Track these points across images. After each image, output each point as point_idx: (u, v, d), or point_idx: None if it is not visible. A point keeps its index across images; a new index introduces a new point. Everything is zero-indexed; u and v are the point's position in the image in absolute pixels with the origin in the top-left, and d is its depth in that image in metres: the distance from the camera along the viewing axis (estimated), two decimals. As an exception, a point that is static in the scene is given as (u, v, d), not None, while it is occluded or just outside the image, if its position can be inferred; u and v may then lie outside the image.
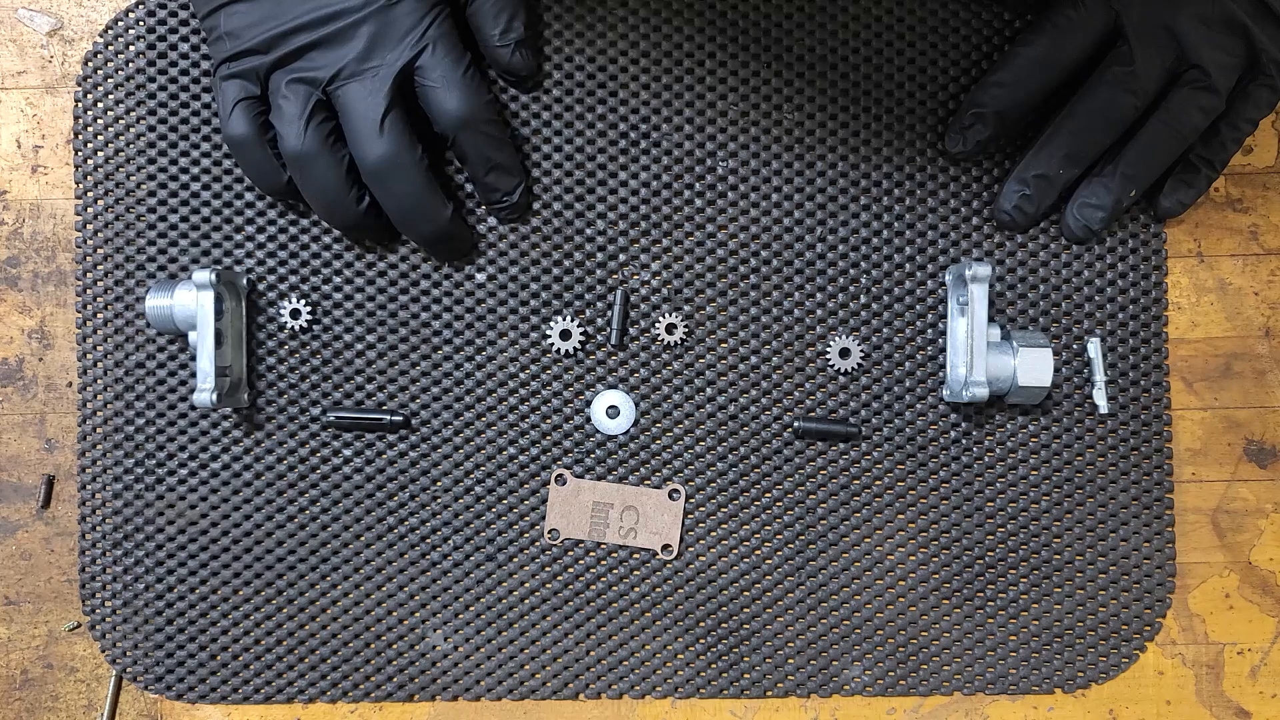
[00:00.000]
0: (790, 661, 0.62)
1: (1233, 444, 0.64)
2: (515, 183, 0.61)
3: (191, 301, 0.58)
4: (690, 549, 0.63)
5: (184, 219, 0.62)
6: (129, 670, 0.62)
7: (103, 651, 0.62)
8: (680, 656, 0.62)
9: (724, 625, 0.62)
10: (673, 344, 0.62)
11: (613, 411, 0.62)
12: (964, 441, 0.63)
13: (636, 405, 0.62)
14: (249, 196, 0.62)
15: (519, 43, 0.59)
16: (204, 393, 0.58)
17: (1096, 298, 0.63)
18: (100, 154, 0.62)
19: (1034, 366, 0.59)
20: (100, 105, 0.62)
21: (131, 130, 0.62)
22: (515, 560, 0.63)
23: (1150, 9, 0.57)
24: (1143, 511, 0.63)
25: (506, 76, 0.61)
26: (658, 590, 0.62)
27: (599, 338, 0.63)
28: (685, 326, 0.62)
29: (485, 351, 0.63)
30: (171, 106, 0.62)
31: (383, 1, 0.56)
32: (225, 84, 0.57)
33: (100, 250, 0.62)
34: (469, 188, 0.62)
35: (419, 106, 0.58)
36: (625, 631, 0.62)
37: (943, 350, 0.63)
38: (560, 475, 0.63)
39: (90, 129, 0.62)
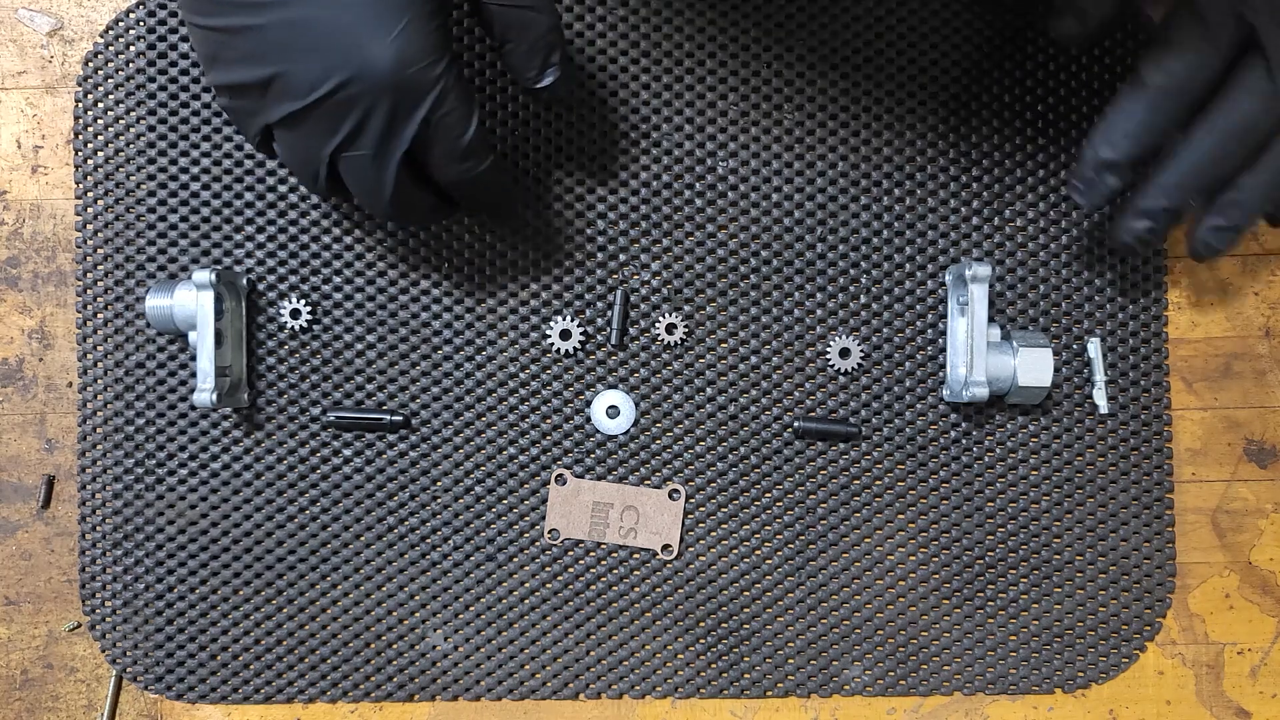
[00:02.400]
0: (790, 661, 0.62)
1: (1233, 444, 0.64)
2: (506, 210, 0.62)
3: (191, 301, 0.58)
4: (690, 549, 0.63)
5: (184, 219, 0.62)
6: (129, 670, 0.62)
7: (103, 651, 0.62)
8: (680, 656, 0.62)
9: (724, 625, 0.62)
10: (673, 344, 0.62)
11: (613, 411, 0.62)
12: (964, 441, 0.63)
13: (636, 405, 0.62)
14: (249, 196, 0.62)
15: (556, 82, 0.54)
16: (204, 393, 0.58)
17: (1096, 298, 0.63)
18: (100, 154, 0.62)
19: (1034, 366, 0.59)
20: (100, 105, 0.62)
21: (131, 130, 0.62)
22: (515, 560, 0.63)
23: None
24: (1143, 511, 0.63)
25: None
26: (658, 590, 0.62)
27: (599, 338, 0.63)
28: (685, 326, 0.62)
29: (485, 351, 0.63)
30: (171, 106, 0.62)
31: (379, 83, 0.49)
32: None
33: (100, 250, 0.62)
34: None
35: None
36: (625, 631, 0.62)
37: (943, 350, 0.63)
38: (560, 475, 0.63)
39: (90, 129, 0.62)
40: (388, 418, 0.62)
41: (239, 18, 0.49)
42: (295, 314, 0.62)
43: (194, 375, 0.61)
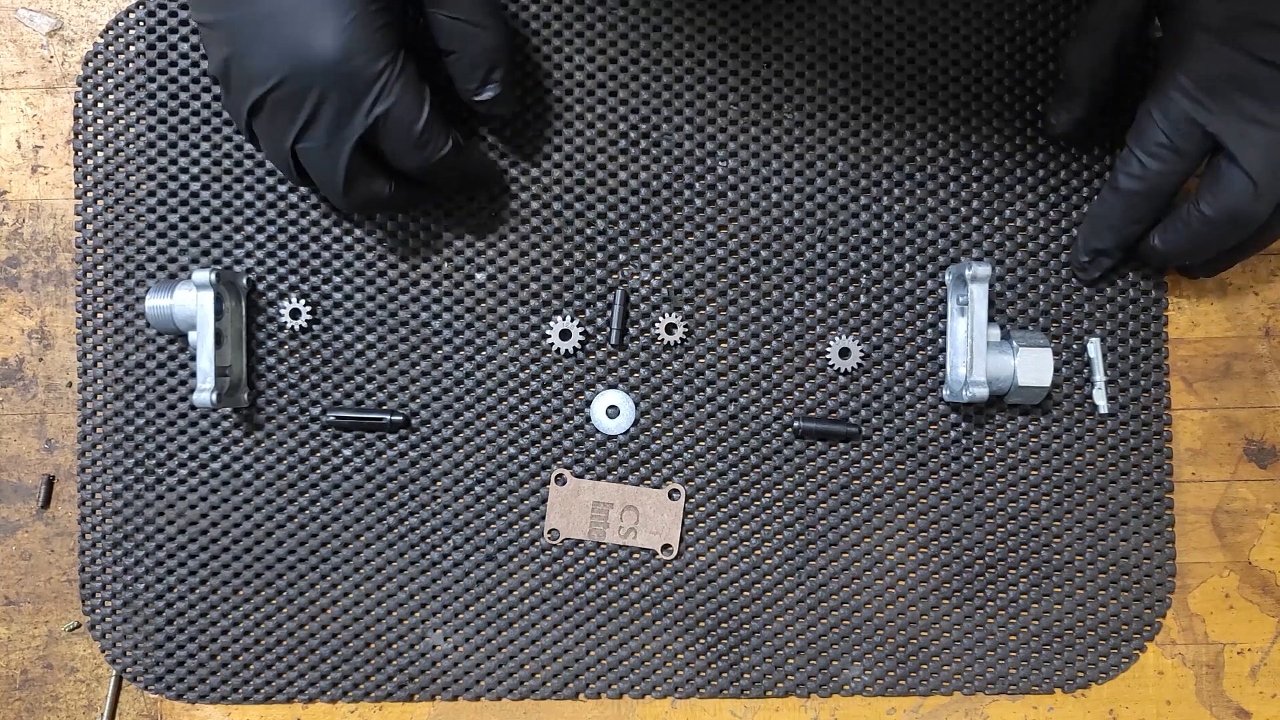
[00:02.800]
0: (790, 661, 0.62)
1: (1233, 444, 0.64)
2: (485, 187, 0.62)
3: (191, 301, 0.58)
4: (690, 549, 0.63)
5: (184, 219, 0.62)
6: (129, 670, 0.62)
7: (103, 651, 0.62)
8: (680, 656, 0.62)
9: (724, 625, 0.62)
10: (673, 344, 0.62)
11: (613, 411, 0.62)
12: (964, 441, 0.63)
13: (636, 405, 0.62)
14: (249, 196, 0.62)
15: (495, 98, 0.57)
16: (204, 393, 0.58)
17: (1096, 298, 0.63)
18: (100, 154, 0.62)
19: (1034, 366, 0.59)
20: (100, 105, 0.62)
21: (131, 130, 0.62)
22: (515, 560, 0.63)
23: (1247, 125, 0.54)
24: (1143, 511, 0.63)
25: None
26: (658, 590, 0.62)
27: (599, 338, 0.63)
28: (685, 326, 0.62)
29: (485, 351, 0.63)
30: (171, 106, 0.62)
31: (324, 73, 0.52)
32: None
33: (100, 250, 0.62)
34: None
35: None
36: (625, 631, 0.62)
37: (943, 350, 0.63)
38: (560, 475, 0.63)
39: (90, 129, 0.62)
40: (388, 418, 0.62)
41: (214, 12, 0.53)
42: (295, 314, 0.62)
43: (194, 375, 0.61)
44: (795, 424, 0.62)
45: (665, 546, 0.62)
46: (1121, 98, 0.61)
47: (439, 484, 0.63)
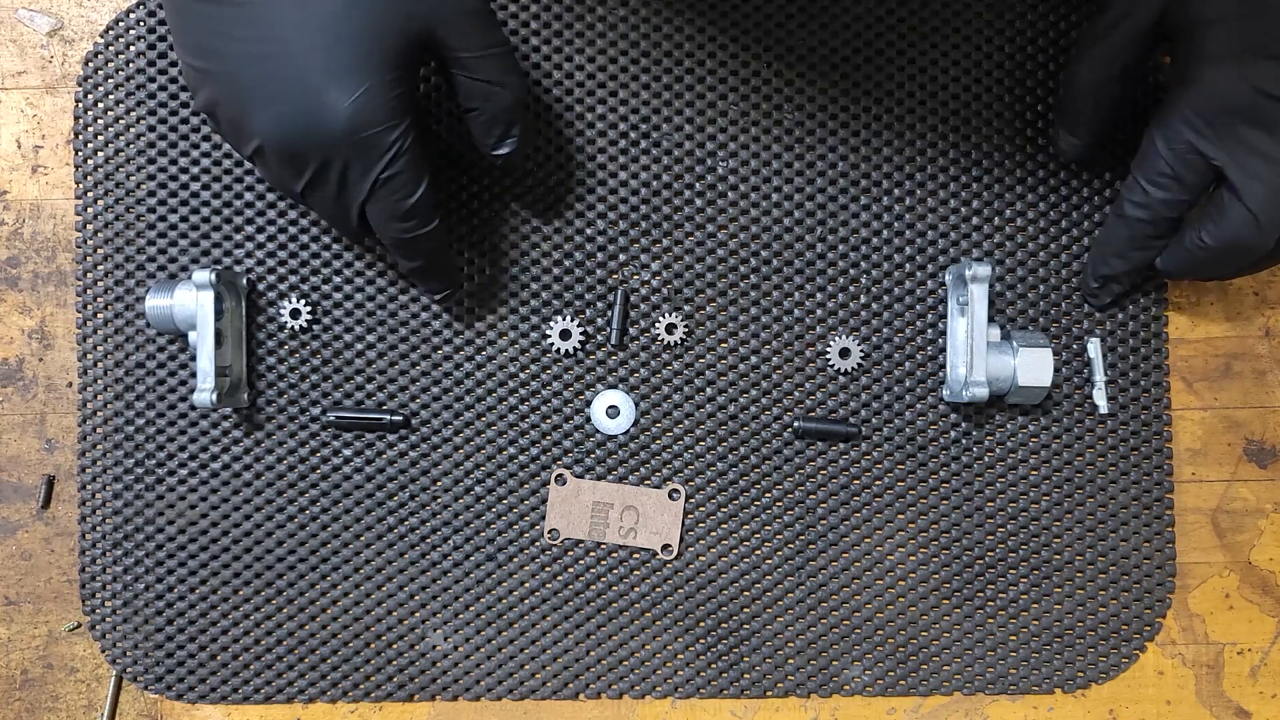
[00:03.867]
0: (790, 661, 0.62)
1: (1233, 444, 0.64)
2: (440, 280, 0.60)
3: (191, 301, 0.58)
4: (690, 549, 0.63)
5: (184, 219, 0.62)
6: (129, 670, 0.62)
7: (103, 651, 0.62)
8: (680, 656, 0.62)
9: (724, 625, 0.62)
10: (673, 344, 0.62)
11: (613, 411, 0.62)
12: (964, 441, 0.63)
13: (636, 405, 0.62)
14: (249, 196, 0.62)
15: (512, 152, 0.57)
16: (204, 393, 0.58)
17: (1096, 298, 0.63)
18: (100, 154, 0.62)
19: (1034, 366, 0.59)
20: (100, 105, 0.62)
21: (131, 130, 0.62)
22: (515, 560, 0.63)
23: (1251, 157, 0.54)
24: (1143, 511, 0.63)
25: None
26: (658, 590, 0.62)
27: (599, 338, 0.63)
28: (685, 326, 0.62)
29: (485, 351, 0.63)
30: (171, 106, 0.62)
31: (334, 141, 0.51)
32: None
33: (100, 250, 0.62)
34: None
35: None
36: (625, 631, 0.62)
37: (943, 350, 0.63)
38: (560, 475, 0.63)
39: (90, 129, 0.62)
40: (388, 418, 0.62)
41: (203, 60, 0.52)
42: (295, 314, 0.62)
43: (194, 375, 0.61)
44: (795, 424, 0.62)
45: (665, 546, 0.62)
46: (1133, 121, 0.61)
47: (439, 484, 0.63)
